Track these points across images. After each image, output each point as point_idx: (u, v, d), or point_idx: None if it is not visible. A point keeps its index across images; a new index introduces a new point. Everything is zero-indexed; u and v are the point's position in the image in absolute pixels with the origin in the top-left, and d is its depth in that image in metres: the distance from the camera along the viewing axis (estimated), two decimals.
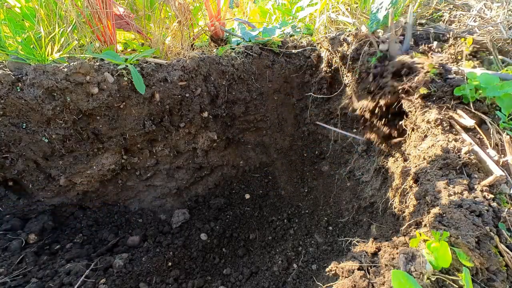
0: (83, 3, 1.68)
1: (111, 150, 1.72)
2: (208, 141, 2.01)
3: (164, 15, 2.16)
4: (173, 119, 1.85)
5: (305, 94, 2.24)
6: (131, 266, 1.48)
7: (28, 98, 1.37)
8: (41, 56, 1.52)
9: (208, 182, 2.19)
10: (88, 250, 1.58)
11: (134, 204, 1.96)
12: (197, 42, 2.32)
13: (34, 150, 1.52)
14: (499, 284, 0.82)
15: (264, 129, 2.28)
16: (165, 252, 1.61)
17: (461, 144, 1.16)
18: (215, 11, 2.14)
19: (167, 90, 1.70)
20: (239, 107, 2.07)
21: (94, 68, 1.49)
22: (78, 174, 1.67)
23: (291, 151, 2.35)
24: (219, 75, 1.93)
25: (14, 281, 1.29)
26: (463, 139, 1.18)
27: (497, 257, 0.86)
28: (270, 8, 2.87)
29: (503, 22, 1.64)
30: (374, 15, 1.65)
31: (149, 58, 1.73)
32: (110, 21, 1.73)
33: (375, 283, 0.88)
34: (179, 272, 1.58)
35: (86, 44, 1.79)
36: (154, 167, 1.95)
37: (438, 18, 1.92)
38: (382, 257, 0.98)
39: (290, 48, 2.17)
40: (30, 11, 1.74)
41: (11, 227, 1.52)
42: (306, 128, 2.27)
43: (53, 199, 1.68)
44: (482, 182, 1.04)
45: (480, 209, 0.95)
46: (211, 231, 1.85)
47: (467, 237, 0.87)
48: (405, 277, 0.75)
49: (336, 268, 1.04)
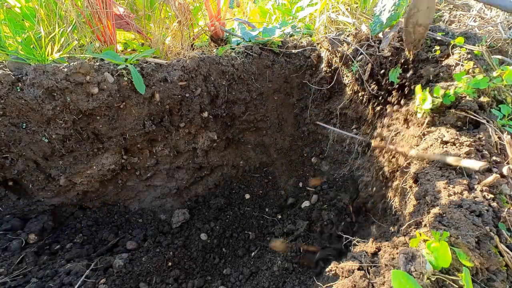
0: (83, 3, 1.68)
1: (111, 150, 1.72)
2: (208, 141, 2.01)
3: (164, 15, 2.17)
4: (173, 119, 1.85)
5: (305, 94, 2.24)
6: (131, 266, 1.48)
7: (28, 98, 1.37)
8: (41, 56, 1.52)
9: (208, 182, 2.19)
10: (88, 250, 1.58)
11: (134, 204, 1.96)
12: (197, 42, 2.32)
13: (34, 150, 1.52)
14: (499, 284, 0.82)
15: (264, 129, 2.28)
16: (165, 252, 1.61)
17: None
18: (215, 11, 2.14)
19: (167, 90, 1.70)
20: (239, 107, 2.07)
21: (94, 68, 1.49)
22: (78, 174, 1.67)
23: (291, 151, 2.35)
24: (219, 75, 1.93)
25: (14, 281, 1.29)
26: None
27: (497, 257, 0.86)
28: (270, 8, 2.87)
29: (503, 22, 1.64)
30: (377, 17, 1.65)
31: (149, 58, 1.73)
32: (110, 21, 1.73)
33: (375, 283, 0.88)
34: (179, 272, 1.58)
35: (86, 44, 1.79)
36: (154, 167, 1.95)
37: (438, 18, 1.92)
38: (382, 257, 0.98)
39: (290, 48, 2.17)
40: (30, 11, 1.74)
41: (11, 227, 1.52)
42: (306, 128, 2.27)
43: (53, 199, 1.68)
44: (482, 182, 1.04)
45: (480, 209, 0.95)
46: (211, 231, 1.85)
47: (467, 237, 0.87)
48: (405, 277, 0.75)
49: (336, 268, 1.04)
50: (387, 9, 1.59)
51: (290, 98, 2.27)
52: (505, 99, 1.38)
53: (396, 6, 1.54)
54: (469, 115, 1.25)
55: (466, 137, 1.17)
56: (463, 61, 1.44)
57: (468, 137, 1.17)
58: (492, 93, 1.37)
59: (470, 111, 1.26)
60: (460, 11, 1.89)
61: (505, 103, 1.37)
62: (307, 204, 1.97)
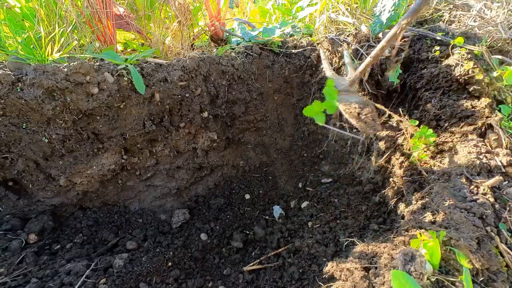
0: (83, 3, 1.68)
1: (111, 150, 1.72)
2: (208, 141, 2.01)
3: (164, 15, 2.17)
4: (173, 119, 1.85)
5: (305, 94, 2.24)
6: (131, 266, 1.47)
7: (28, 98, 1.37)
8: (41, 56, 1.52)
9: (208, 182, 2.19)
10: (88, 250, 1.58)
11: (134, 204, 1.96)
12: (197, 42, 2.32)
13: (34, 150, 1.52)
14: (499, 284, 0.82)
15: (264, 129, 2.28)
16: (165, 252, 1.61)
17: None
18: (215, 11, 2.14)
19: (167, 90, 1.70)
20: (239, 107, 2.07)
21: (94, 68, 1.49)
22: (78, 174, 1.66)
23: (291, 151, 2.35)
24: (219, 75, 1.93)
25: (14, 281, 1.29)
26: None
27: (498, 257, 0.86)
28: (270, 8, 2.87)
29: (503, 22, 1.64)
30: (377, 18, 1.66)
31: (149, 58, 1.73)
32: (110, 21, 1.73)
33: (375, 283, 0.88)
34: (179, 272, 1.57)
35: (86, 44, 1.79)
36: (154, 167, 1.95)
37: (438, 18, 1.91)
38: (381, 257, 0.97)
39: (290, 48, 2.17)
40: (30, 11, 1.74)
41: (11, 227, 1.52)
42: (306, 128, 2.27)
43: (53, 199, 1.68)
44: (484, 183, 1.04)
45: (481, 210, 0.95)
46: (211, 231, 1.85)
47: (467, 238, 0.87)
48: (405, 277, 0.75)
49: (336, 268, 1.04)
50: (387, 9, 1.59)
51: (290, 98, 2.27)
52: (505, 99, 1.38)
53: (396, 6, 1.54)
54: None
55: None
56: (463, 61, 1.44)
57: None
58: (492, 93, 1.37)
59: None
60: (460, 11, 1.89)
61: (505, 103, 1.37)
62: (305, 204, 1.97)
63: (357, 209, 1.72)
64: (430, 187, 1.18)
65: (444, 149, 1.32)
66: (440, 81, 1.52)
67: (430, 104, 1.51)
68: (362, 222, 1.61)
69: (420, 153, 1.32)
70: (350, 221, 1.64)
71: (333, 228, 1.64)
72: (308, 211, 1.88)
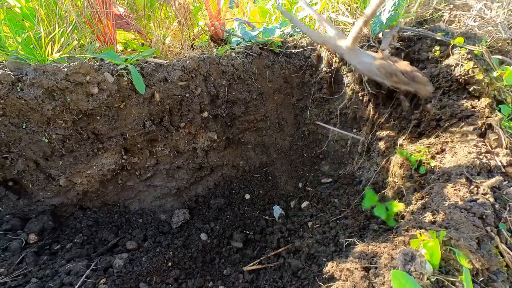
0: (83, 3, 1.68)
1: (111, 150, 1.72)
2: (208, 141, 2.01)
3: (164, 15, 2.17)
4: (173, 119, 1.85)
5: (305, 94, 2.24)
6: (131, 266, 1.47)
7: (28, 98, 1.37)
8: (41, 56, 1.52)
9: (208, 182, 2.19)
10: (88, 250, 1.58)
11: (134, 204, 1.96)
12: (197, 42, 2.32)
13: (34, 150, 1.52)
14: (499, 284, 0.82)
15: (264, 129, 2.28)
16: (165, 252, 1.61)
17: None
18: (215, 11, 2.14)
19: (167, 90, 1.70)
20: (239, 107, 2.07)
21: (94, 68, 1.49)
22: (78, 174, 1.66)
23: (291, 151, 2.35)
24: (219, 75, 1.93)
25: (14, 281, 1.29)
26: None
27: (498, 257, 0.86)
28: (270, 8, 2.87)
29: (503, 22, 1.64)
30: (377, 18, 1.66)
31: (149, 58, 1.73)
32: (110, 21, 1.73)
33: (375, 283, 0.88)
34: (179, 272, 1.57)
35: (86, 44, 1.79)
36: (154, 167, 1.95)
37: (438, 18, 1.91)
38: (381, 258, 0.97)
39: (290, 48, 2.18)
40: (30, 11, 1.74)
41: (11, 227, 1.52)
42: (306, 128, 2.27)
43: (53, 199, 1.68)
44: (484, 183, 1.04)
45: (481, 210, 0.95)
46: (211, 231, 1.85)
47: (467, 238, 0.87)
48: (405, 277, 0.75)
49: (336, 268, 1.04)
50: (387, 9, 1.59)
51: (290, 98, 2.27)
52: (505, 99, 1.38)
53: (396, 6, 1.54)
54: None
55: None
56: (463, 61, 1.44)
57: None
58: (492, 93, 1.37)
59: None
60: (460, 11, 1.89)
61: (505, 103, 1.37)
62: (305, 204, 1.97)
63: (357, 209, 1.73)
64: (430, 187, 1.18)
65: (444, 149, 1.32)
66: (440, 81, 1.52)
67: (430, 104, 1.51)
68: (362, 222, 1.61)
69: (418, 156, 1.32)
70: (350, 221, 1.63)
71: (333, 228, 1.63)
72: (308, 211, 1.88)
